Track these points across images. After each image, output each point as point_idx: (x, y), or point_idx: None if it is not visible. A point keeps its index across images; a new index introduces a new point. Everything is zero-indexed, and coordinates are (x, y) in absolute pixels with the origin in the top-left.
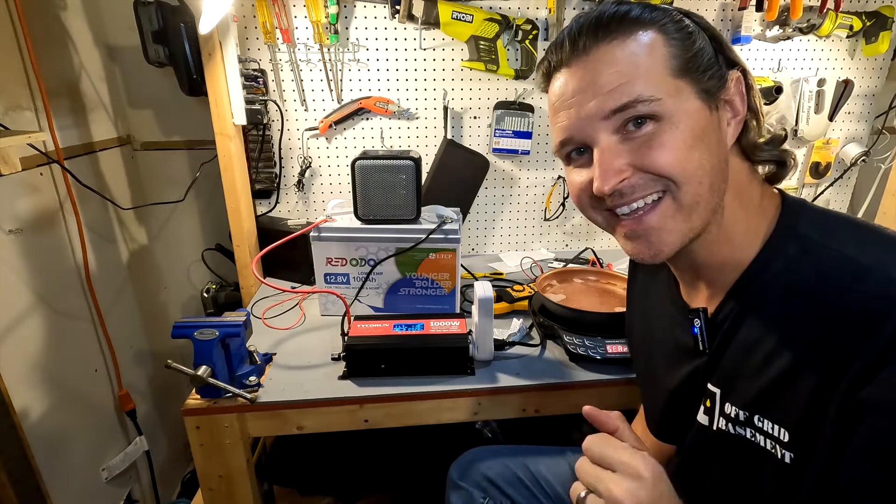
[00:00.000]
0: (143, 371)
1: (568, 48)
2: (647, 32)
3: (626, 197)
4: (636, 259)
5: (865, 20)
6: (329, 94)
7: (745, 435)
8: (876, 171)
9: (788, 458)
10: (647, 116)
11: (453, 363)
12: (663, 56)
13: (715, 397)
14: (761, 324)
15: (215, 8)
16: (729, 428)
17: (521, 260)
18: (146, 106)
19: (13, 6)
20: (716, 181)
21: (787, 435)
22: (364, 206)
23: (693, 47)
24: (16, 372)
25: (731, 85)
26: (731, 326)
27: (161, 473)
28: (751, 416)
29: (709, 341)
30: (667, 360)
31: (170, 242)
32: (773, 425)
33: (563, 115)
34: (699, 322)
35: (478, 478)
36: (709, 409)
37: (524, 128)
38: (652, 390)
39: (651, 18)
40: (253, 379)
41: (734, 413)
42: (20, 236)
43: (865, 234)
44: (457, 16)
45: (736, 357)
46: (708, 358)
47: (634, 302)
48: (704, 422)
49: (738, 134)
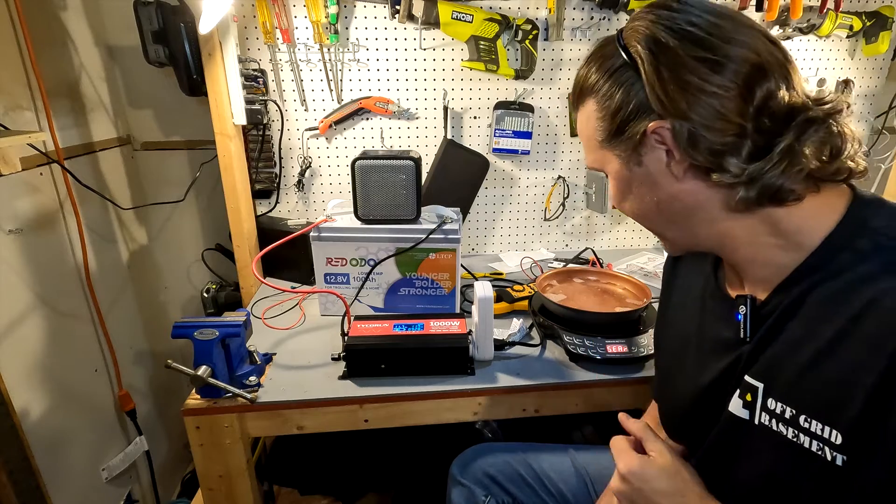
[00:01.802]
0: (143, 371)
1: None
2: (588, 102)
3: None
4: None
5: (865, 20)
6: (329, 94)
7: (787, 434)
8: (876, 171)
9: (841, 461)
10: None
11: (453, 363)
12: (594, 127)
13: (757, 391)
14: (815, 319)
15: (215, 8)
16: (772, 424)
17: (521, 260)
18: (146, 106)
19: (13, 6)
20: (657, 220)
21: (840, 437)
22: (364, 206)
23: (617, 109)
24: (16, 372)
25: (648, 139)
26: (780, 318)
27: (161, 473)
28: (796, 416)
29: (752, 331)
30: (700, 355)
31: (170, 242)
32: (824, 427)
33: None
34: (745, 309)
35: (479, 474)
36: (749, 402)
37: (524, 128)
38: (678, 385)
39: (593, 87)
40: (253, 379)
41: (779, 409)
42: (20, 236)
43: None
44: (457, 16)
45: (782, 351)
46: (751, 349)
47: (674, 292)
48: (744, 415)
49: (686, 171)
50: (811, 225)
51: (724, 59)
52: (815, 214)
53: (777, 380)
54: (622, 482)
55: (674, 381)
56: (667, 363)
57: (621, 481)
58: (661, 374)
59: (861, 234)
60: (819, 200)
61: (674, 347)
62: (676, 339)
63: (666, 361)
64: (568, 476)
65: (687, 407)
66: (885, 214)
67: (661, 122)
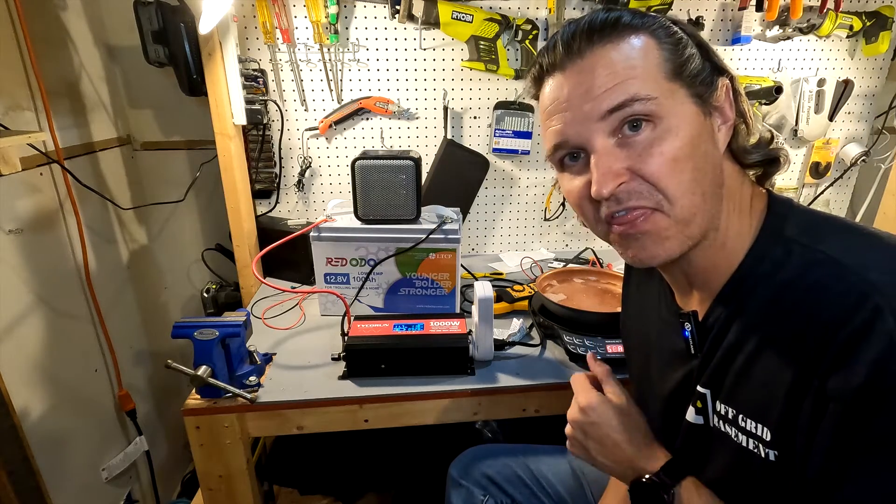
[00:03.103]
0: (143, 371)
1: (561, 51)
2: (640, 37)
3: (622, 203)
4: (632, 263)
5: (865, 20)
6: (329, 94)
7: (731, 434)
8: (876, 171)
9: (773, 457)
10: (644, 117)
11: (453, 363)
12: (656, 59)
13: (706, 398)
14: (745, 327)
15: (215, 8)
16: (720, 425)
17: (521, 260)
18: (146, 106)
19: (13, 6)
20: (710, 189)
21: (769, 434)
22: (364, 206)
23: (683, 53)
24: (16, 372)
25: (721, 91)
26: (720, 331)
27: (161, 473)
28: (736, 416)
29: (700, 345)
30: (662, 365)
31: (170, 242)
32: (756, 424)
33: (557, 119)
34: (690, 326)
35: (478, 476)
36: (701, 409)
37: (524, 128)
38: (647, 395)
39: (643, 23)
40: (253, 379)
41: (723, 410)
42: (20, 236)
43: (850, 236)
44: (457, 16)
45: (723, 359)
46: (700, 361)
47: (630, 304)
48: (698, 421)
49: (728, 139)
50: (746, 226)
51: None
52: (741, 212)
53: (721, 385)
54: (580, 413)
55: (643, 391)
56: (637, 373)
57: (580, 412)
58: (633, 384)
59: (777, 243)
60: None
61: (640, 358)
62: (641, 351)
63: (636, 371)
64: (566, 478)
65: (656, 417)
66: (796, 221)
67: (728, 81)
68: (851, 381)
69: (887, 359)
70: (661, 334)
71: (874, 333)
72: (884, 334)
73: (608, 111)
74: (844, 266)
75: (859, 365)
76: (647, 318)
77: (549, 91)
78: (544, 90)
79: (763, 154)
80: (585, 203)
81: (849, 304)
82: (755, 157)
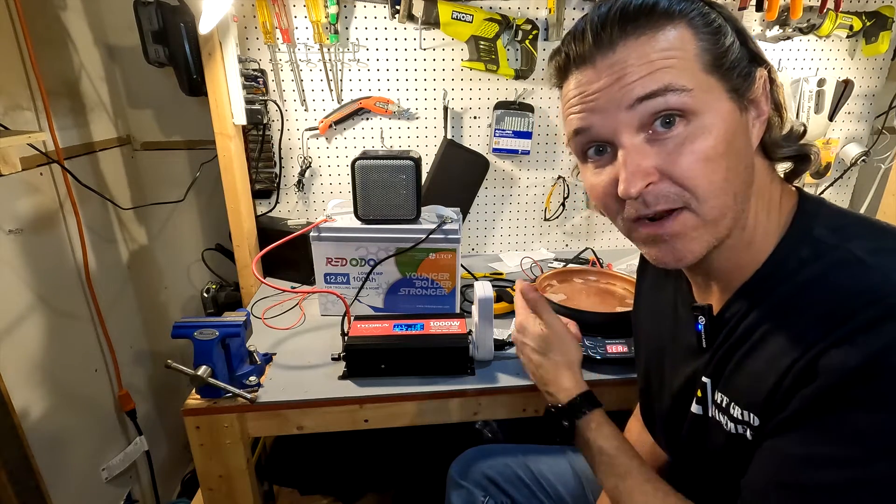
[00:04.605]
0: (143, 371)
1: (591, 41)
2: (677, 26)
3: (650, 207)
4: (655, 263)
5: (865, 20)
6: (329, 94)
7: (722, 423)
8: (876, 171)
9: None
10: (678, 112)
11: (453, 363)
12: (694, 50)
13: (706, 387)
14: (756, 320)
15: (215, 8)
16: (716, 415)
17: (521, 260)
18: (146, 106)
19: (13, 6)
20: (741, 189)
21: (758, 420)
22: (364, 206)
23: (723, 43)
24: (16, 372)
25: (759, 84)
26: (734, 326)
27: (161, 473)
28: (728, 404)
29: (711, 340)
30: (674, 362)
31: (170, 242)
32: (743, 411)
33: (581, 108)
34: (703, 319)
35: (478, 476)
36: (701, 398)
37: (524, 128)
38: (656, 391)
39: (680, 11)
40: (253, 379)
41: (720, 399)
42: (20, 236)
43: (882, 236)
44: (457, 16)
45: (728, 351)
46: (708, 355)
47: (643, 300)
48: (698, 412)
49: (762, 135)
50: (774, 224)
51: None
52: (770, 210)
53: (721, 374)
54: (516, 331)
55: (653, 387)
56: (646, 368)
57: (515, 330)
58: (641, 379)
59: (805, 242)
60: (773, 195)
61: (649, 353)
62: (651, 345)
63: (642, 365)
64: (566, 478)
65: (664, 412)
66: (826, 221)
67: (766, 72)
68: (846, 362)
69: (888, 353)
70: (676, 329)
71: (884, 327)
72: (894, 331)
73: (638, 99)
74: (870, 266)
75: (858, 350)
76: (661, 312)
77: (574, 85)
78: (569, 82)
79: (795, 150)
80: (609, 200)
81: (864, 300)
82: (786, 152)
